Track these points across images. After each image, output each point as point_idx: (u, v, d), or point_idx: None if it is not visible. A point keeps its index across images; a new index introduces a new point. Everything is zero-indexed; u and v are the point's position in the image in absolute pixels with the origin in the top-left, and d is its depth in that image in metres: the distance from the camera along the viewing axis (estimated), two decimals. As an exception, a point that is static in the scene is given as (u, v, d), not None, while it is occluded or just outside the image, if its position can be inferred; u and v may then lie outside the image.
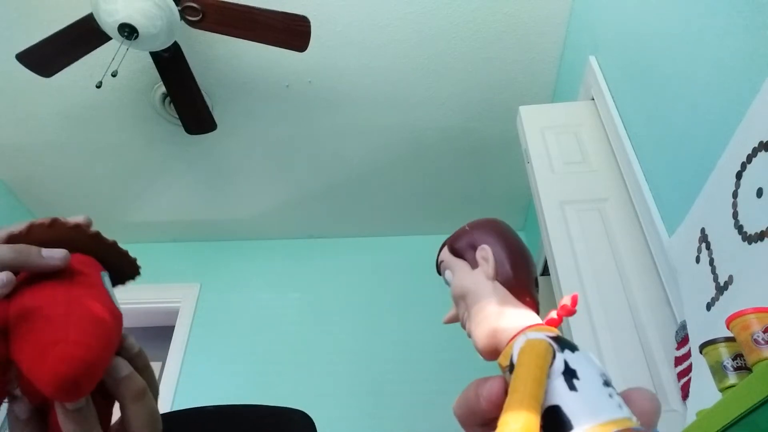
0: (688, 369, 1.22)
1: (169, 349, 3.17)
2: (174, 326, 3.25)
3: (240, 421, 0.58)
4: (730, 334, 0.75)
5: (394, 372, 3.02)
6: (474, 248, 0.35)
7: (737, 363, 0.76)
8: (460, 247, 0.36)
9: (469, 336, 0.32)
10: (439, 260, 0.37)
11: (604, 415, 0.24)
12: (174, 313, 3.29)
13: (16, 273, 0.32)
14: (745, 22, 1.09)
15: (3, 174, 3.06)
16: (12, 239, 0.34)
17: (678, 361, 1.29)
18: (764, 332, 0.69)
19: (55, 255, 0.33)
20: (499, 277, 0.33)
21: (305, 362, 3.09)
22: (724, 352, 0.78)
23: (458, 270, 0.35)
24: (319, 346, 3.15)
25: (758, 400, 0.61)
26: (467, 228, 0.36)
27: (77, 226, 0.36)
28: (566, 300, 0.30)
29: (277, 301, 3.36)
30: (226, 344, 3.19)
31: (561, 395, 0.25)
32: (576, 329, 1.47)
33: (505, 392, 0.26)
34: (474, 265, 0.34)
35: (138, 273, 0.42)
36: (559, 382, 0.26)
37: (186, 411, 0.57)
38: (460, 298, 0.35)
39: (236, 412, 0.59)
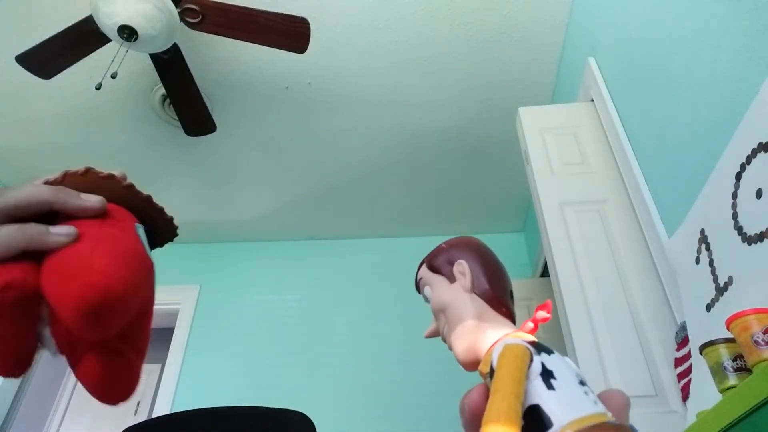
0: (688, 370, 1.22)
1: (168, 350, 3.17)
2: (174, 328, 3.25)
3: (239, 423, 0.57)
4: (730, 335, 0.75)
5: (393, 373, 3.01)
6: (451, 264, 0.37)
7: (737, 364, 0.76)
8: (438, 263, 0.38)
9: (450, 349, 0.34)
10: (418, 278, 0.39)
11: (582, 410, 0.25)
12: (174, 315, 3.29)
13: (53, 217, 0.33)
14: (744, 23, 1.09)
15: (2, 176, 3.06)
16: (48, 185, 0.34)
17: (678, 362, 1.28)
18: (764, 333, 0.69)
19: (92, 198, 0.34)
20: (476, 290, 0.34)
21: (305, 363, 3.09)
22: (724, 353, 0.78)
23: (437, 285, 0.37)
24: (319, 348, 3.15)
25: (758, 401, 0.61)
26: (444, 246, 0.39)
27: (111, 176, 0.37)
28: (541, 312, 0.32)
29: (277, 303, 3.36)
30: (226, 346, 3.19)
31: (540, 395, 0.27)
32: (576, 330, 1.47)
33: (486, 399, 0.27)
34: (452, 279, 0.36)
35: (175, 234, 0.41)
36: (537, 383, 0.27)
37: (185, 413, 0.57)
38: (440, 312, 0.36)
39: (236, 413, 0.59)
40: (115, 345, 0.33)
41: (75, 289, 0.29)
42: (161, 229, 0.41)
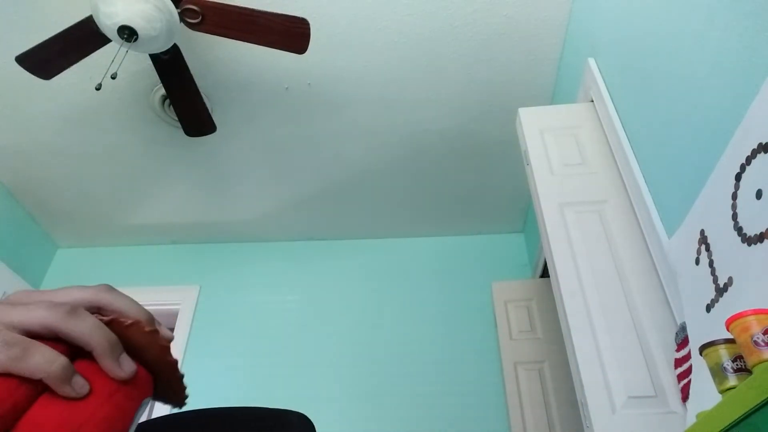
0: (688, 371, 1.22)
1: (168, 351, 3.17)
2: (173, 328, 3.25)
3: (238, 423, 0.57)
4: (729, 336, 0.75)
5: (393, 374, 3.01)
6: None
7: (737, 365, 0.76)
8: None
9: None
10: None
11: None
12: (173, 316, 3.29)
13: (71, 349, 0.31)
14: (744, 23, 1.09)
15: (2, 176, 3.05)
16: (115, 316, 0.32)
17: (678, 362, 1.28)
18: (764, 334, 0.69)
19: (126, 367, 0.31)
20: None
21: (304, 364, 3.09)
22: (724, 353, 0.78)
23: None
24: (319, 348, 3.15)
25: (758, 401, 0.61)
26: None
27: (135, 324, 0.33)
28: None
29: (276, 303, 3.36)
30: (226, 346, 3.19)
31: None
32: (576, 330, 1.47)
33: None
34: None
35: (184, 403, 0.39)
36: None
37: (184, 413, 0.57)
38: None
39: (234, 414, 0.59)
40: None
41: None
42: (171, 388, 0.38)
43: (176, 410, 0.37)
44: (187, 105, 2.27)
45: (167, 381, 0.36)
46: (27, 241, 3.35)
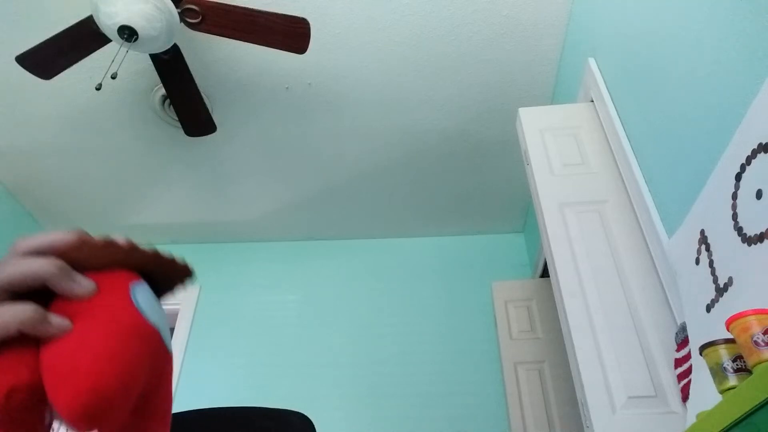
0: (688, 371, 1.22)
1: (168, 351, 3.17)
2: (173, 328, 3.25)
3: (239, 423, 0.57)
4: (730, 336, 0.75)
5: (393, 373, 3.01)
6: None
7: (737, 365, 0.76)
8: None
9: None
10: None
11: None
12: (173, 315, 3.29)
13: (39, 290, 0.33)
14: (744, 23, 1.09)
15: (3, 176, 3.05)
16: (55, 251, 0.34)
17: (678, 362, 1.28)
18: (764, 334, 0.69)
19: (83, 284, 0.34)
20: None
21: (304, 364, 3.09)
22: (724, 353, 0.78)
23: None
24: (319, 348, 3.15)
25: (758, 401, 0.61)
26: None
27: (110, 244, 0.36)
28: None
29: (276, 303, 3.36)
30: (226, 346, 3.19)
31: None
32: (576, 330, 1.47)
33: None
34: None
35: (190, 273, 0.40)
36: None
37: (185, 413, 0.57)
38: None
39: (235, 414, 0.59)
40: (132, 425, 0.33)
41: (64, 397, 0.29)
42: (174, 275, 0.40)
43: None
44: (187, 105, 2.27)
45: (164, 274, 0.39)
46: (27, 241, 3.35)
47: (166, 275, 0.39)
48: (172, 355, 0.36)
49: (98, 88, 1.85)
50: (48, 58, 2.03)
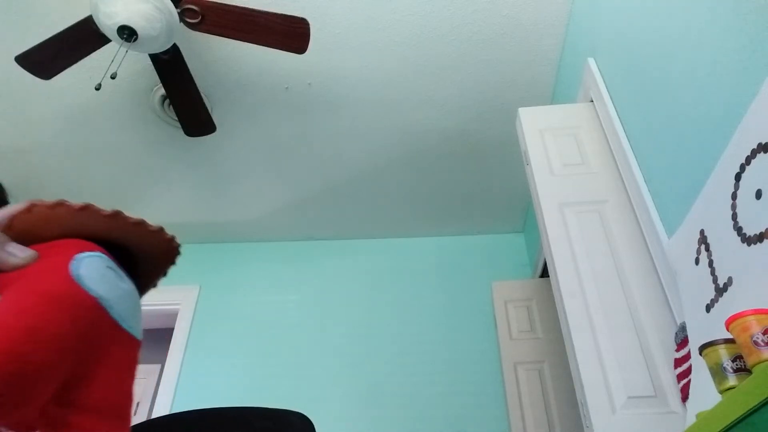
0: (688, 371, 1.22)
1: (168, 351, 3.17)
2: (173, 328, 3.25)
3: (239, 423, 0.57)
4: (729, 336, 0.75)
5: (392, 373, 3.01)
6: None
7: (737, 365, 0.76)
8: None
9: None
10: None
11: None
12: (173, 315, 3.29)
13: None
14: (744, 23, 1.09)
15: (2, 176, 3.05)
16: (15, 219, 0.35)
17: (678, 362, 1.28)
18: (764, 334, 0.69)
19: (19, 254, 0.34)
20: None
21: (304, 364, 3.09)
22: (723, 353, 0.78)
23: None
24: (319, 348, 3.15)
25: (758, 401, 0.61)
26: None
27: (85, 208, 0.36)
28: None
29: (276, 303, 3.36)
30: (226, 346, 3.19)
31: None
32: (576, 330, 1.47)
33: None
34: None
35: (177, 253, 0.40)
36: None
37: (186, 413, 0.57)
38: None
39: (235, 414, 0.59)
40: (59, 418, 0.30)
41: None
42: (162, 250, 0.40)
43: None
44: (187, 105, 2.27)
45: (151, 246, 0.38)
46: (27, 241, 3.35)
47: (153, 246, 0.38)
48: (136, 340, 0.35)
49: (98, 88, 1.85)
50: (47, 58, 2.03)
